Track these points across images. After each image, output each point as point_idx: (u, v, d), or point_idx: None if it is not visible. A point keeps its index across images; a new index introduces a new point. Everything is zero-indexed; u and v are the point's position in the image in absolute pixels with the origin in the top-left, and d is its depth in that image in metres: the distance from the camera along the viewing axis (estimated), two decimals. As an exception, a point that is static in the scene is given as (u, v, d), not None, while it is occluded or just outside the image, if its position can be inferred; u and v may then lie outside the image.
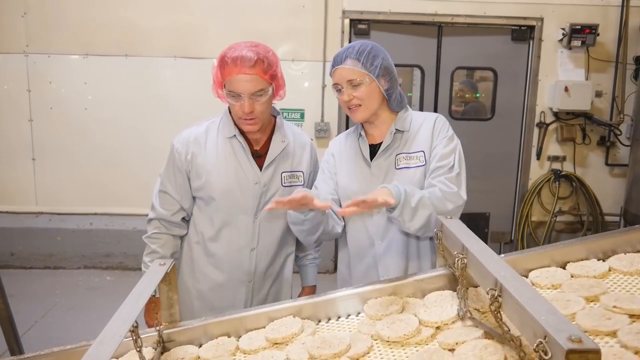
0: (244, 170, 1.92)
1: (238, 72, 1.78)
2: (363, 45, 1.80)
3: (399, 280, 1.47)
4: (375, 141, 1.91)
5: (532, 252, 1.47)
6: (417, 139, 1.86)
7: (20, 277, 4.76)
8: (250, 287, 2.00)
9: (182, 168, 1.94)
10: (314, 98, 4.88)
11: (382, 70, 1.79)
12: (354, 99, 1.80)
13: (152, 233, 1.99)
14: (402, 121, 1.88)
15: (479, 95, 5.24)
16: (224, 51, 1.83)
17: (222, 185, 1.91)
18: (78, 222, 4.98)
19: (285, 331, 1.33)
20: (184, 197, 1.97)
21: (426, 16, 4.79)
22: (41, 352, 1.34)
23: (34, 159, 4.99)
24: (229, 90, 1.81)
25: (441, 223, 1.41)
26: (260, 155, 1.96)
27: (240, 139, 1.92)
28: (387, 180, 1.83)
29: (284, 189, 1.96)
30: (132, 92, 4.87)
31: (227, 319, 1.43)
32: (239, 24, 4.69)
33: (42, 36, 4.79)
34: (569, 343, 0.77)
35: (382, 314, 1.33)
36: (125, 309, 1.13)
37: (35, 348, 1.44)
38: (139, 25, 4.78)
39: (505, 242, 5.24)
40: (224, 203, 1.93)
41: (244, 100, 1.80)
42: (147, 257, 1.99)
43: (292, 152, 2.00)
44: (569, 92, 4.72)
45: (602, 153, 5.11)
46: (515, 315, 0.92)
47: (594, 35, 4.68)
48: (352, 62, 1.78)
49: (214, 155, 1.93)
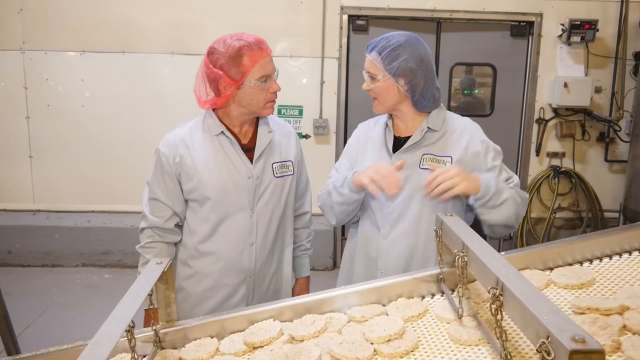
0: (236, 166, 1.89)
1: (266, 53, 1.79)
2: (394, 40, 1.78)
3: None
4: (401, 134, 1.90)
5: (533, 250, 1.45)
6: (449, 143, 1.84)
7: (18, 275, 4.75)
8: (250, 284, 1.97)
9: (171, 172, 1.90)
10: (313, 95, 4.86)
11: (401, 71, 1.77)
12: (371, 91, 1.84)
13: (145, 242, 1.94)
14: (434, 120, 1.86)
15: (477, 92, 5.22)
16: (227, 46, 1.78)
17: (216, 183, 1.87)
18: (76, 219, 4.97)
19: (263, 335, 1.30)
20: (175, 202, 1.93)
21: (425, 12, 4.77)
22: (37, 352, 1.32)
23: (31, 156, 4.96)
24: (261, 75, 1.79)
25: (441, 220, 1.39)
26: (249, 149, 1.93)
27: (228, 134, 1.89)
28: (407, 177, 1.82)
29: (276, 180, 1.95)
30: (129, 88, 4.85)
31: (225, 318, 1.41)
32: (237, 20, 4.67)
33: (38, 33, 4.77)
34: (573, 343, 0.75)
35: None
36: (122, 309, 1.11)
37: (33, 346, 1.43)
38: (136, 21, 4.75)
39: (504, 239, 5.23)
40: (219, 201, 1.89)
41: (272, 81, 1.83)
42: (142, 268, 1.92)
43: (279, 143, 1.98)
44: (569, 88, 4.71)
45: (602, 149, 5.10)
46: (517, 315, 0.91)
47: (593, 30, 4.67)
48: (374, 55, 1.80)
49: (202, 154, 1.89)
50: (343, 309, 1.39)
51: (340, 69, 4.83)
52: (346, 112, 4.95)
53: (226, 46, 1.78)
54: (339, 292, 1.43)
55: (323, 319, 1.32)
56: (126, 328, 1.06)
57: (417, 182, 1.81)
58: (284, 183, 1.98)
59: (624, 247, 1.46)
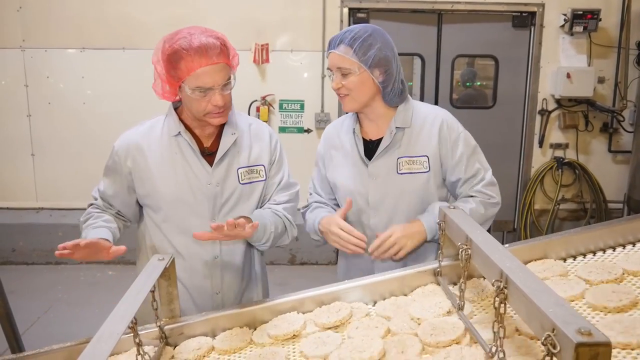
0: (194, 171, 1.69)
1: (206, 63, 1.54)
2: (362, 30, 1.68)
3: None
4: (371, 136, 1.83)
5: (537, 241, 1.45)
6: (421, 139, 1.77)
7: (22, 273, 4.76)
8: (218, 300, 1.78)
9: (122, 173, 1.73)
10: (314, 88, 4.84)
11: (377, 60, 1.67)
12: (342, 88, 1.72)
13: (85, 214, 1.83)
14: (402, 116, 1.78)
15: (479, 83, 5.20)
16: (172, 41, 1.57)
17: (171, 190, 1.69)
18: (79, 217, 4.89)
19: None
20: (123, 206, 1.79)
21: (426, 4, 4.74)
22: (41, 350, 1.33)
23: (33, 154, 4.97)
24: (196, 85, 1.56)
25: (444, 213, 1.38)
26: (211, 153, 1.72)
27: (187, 136, 1.69)
28: (387, 184, 1.77)
29: (242, 187, 1.74)
30: (130, 85, 4.83)
31: (228, 314, 1.42)
32: (237, 14, 4.65)
33: (38, 30, 4.76)
34: (579, 336, 0.74)
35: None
36: (124, 305, 1.11)
37: (38, 344, 1.43)
38: (136, 17, 4.74)
39: (508, 231, 5.22)
40: (174, 210, 1.71)
41: (214, 93, 1.58)
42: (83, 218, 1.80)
43: (247, 145, 1.76)
44: (571, 78, 4.68)
45: (605, 140, 5.07)
46: (522, 308, 0.90)
47: (596, 20, 4.63)
48: (344, 49, 1.68)
49: (158, 157, 1.70)
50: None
51: (342, 63, 4.80)
52: (348, 106, 4.92)
53: (170, 42, 1.58)
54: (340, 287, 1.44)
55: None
56: (129, 325, 1.06)
57: (399, 189, 1.77)
58: (253, 190, 1.76)
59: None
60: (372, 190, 1.80)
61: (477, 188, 1.78)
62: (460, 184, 1.80)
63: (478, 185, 1.78)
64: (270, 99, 4.77)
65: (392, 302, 1.38)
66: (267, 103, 4.74)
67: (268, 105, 4.75)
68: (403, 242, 1.70)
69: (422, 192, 1.77)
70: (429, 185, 1.77)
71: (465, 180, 1.79)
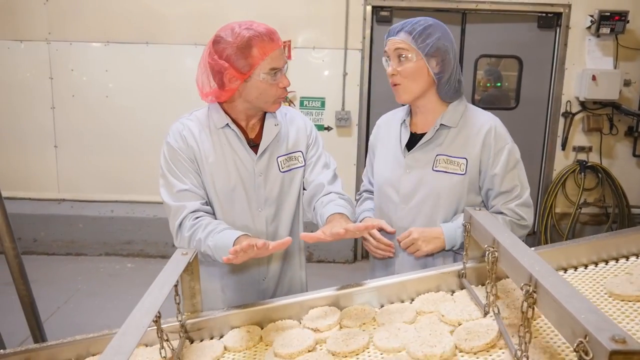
0: (243, 162, 1.73)
1: (277, 45, 1.64)
2: (423, 20, 1.70)
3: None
4: (418, 130, 1.82)
5: (567, 245, 1.42)
6: (465, 141, 1.74)
7: (43, 263, 4.83)
8: (263, 286, 1.83)
9: (192, 159, 1.72)
10: (335, 86, 4.82)
11: (435, 50, 1.67)
12: (397, 75, 1.71)
13: (189, 228, 1.66)
14: (450, 114, 1.75)
15: (500, 85, 5.14)
16: (236, 34, 1.61)
17: (224, 181, 1.72)
18: (99, 209, 5.02)
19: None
20: (203, 190, 1.74)
21: (450, 3, 4.70)
22: (64, 340, 1.34)
23: (56, 146, 5.04)
24: (270, 67, 1.62)
25: (470, 215, 1.36)
26: (254, 145, 1.76)
27: (234, 127, 1.73)
28: (420, 178, 1.76)
29: (283, 175, 1.77)
30: (152, 79, 4.88)
31: (249, 310, 1.42)
32: (259, 10, 4.64)
33: (63, 24, 4.82)
34: (613, 344, 0.73)
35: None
36: (148, 299, 1.11)
37: (58, 333, 1.44)
38: (159, 12, 4.77)
39: (528, 234, 5.15)
40: (224, 200, 1.73)
41: (282, 75, 1.67)
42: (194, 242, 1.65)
43: (285, 133, 1.81)
44: (597, 81, 4.60)
45: (630, 144, 4.98)
46: (553, 313, 0.88)
47: (623, 22, 4.55)
48: (404, 35, 1.68)
49: (210, 148, 1.72)
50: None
51: (363, 61, 4.79)
52: (369, 105, 4.91)
53: (234, 35, 1.61)
54: (357, 288, 1.44)
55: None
56: (153, 319, 1.06)
57: (431, 185, 1.75)
58: (293, 177, 1.81)
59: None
60: (404, 182, 1.79)
61: (510, 206, 1.73)
62: (493, 196, 1.75)
63: (512, 204, 1.73)
64: (291, 96, 4.77)
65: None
66: (288, 100, 4.74)
67: (289, 102, 4.75)
68: (418, 244, 1.73)
69: (453, 194, 1.73)
70: (462, 189, 1.73)
71: (500, 193, 1.74)
